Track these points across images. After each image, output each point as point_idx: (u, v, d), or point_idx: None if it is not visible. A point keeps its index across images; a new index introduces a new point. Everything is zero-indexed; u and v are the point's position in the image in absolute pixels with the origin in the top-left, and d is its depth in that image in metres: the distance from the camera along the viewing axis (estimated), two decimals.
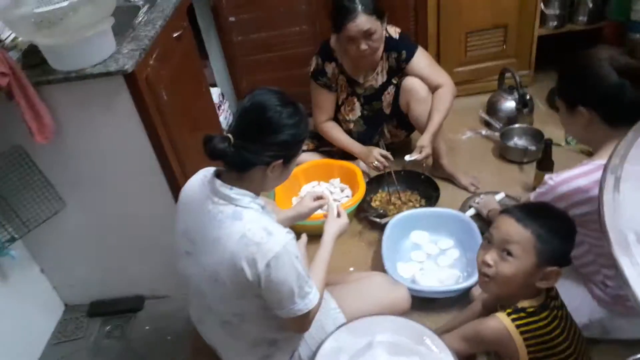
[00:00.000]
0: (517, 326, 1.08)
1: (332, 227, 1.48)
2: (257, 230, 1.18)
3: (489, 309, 1.42)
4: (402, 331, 1.05)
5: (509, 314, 1.10)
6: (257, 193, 1.27)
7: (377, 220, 1.98)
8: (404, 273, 1.81)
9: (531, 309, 1.10)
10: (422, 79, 2.13)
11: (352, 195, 2.11)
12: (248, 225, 1.18)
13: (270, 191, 1.32)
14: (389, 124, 2.32)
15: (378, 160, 2.10)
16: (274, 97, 1.21)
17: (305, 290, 1.25)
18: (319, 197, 1.59)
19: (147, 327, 1.97)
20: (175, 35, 1.86)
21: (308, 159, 2.33)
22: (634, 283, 0.70)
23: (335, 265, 1.90)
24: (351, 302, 1.53)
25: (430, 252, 1.90)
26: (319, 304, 1.31)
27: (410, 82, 2.13)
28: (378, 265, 1.86)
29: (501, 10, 2.53)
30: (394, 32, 2.10)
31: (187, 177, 1.75)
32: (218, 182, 1.22)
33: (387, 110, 2.25)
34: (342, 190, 2.19)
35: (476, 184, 2.17)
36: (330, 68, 2.14)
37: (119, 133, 1.60)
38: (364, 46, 1.97)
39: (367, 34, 1.95)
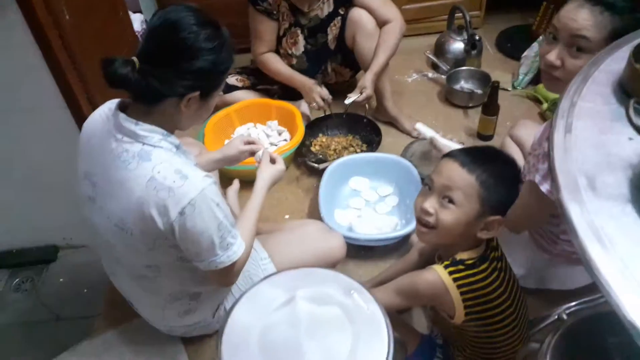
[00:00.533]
0: (455, 279, 0.99)
1: (265, 174, 1.33)
2: (169, 172, 1.02)
3: (426, 260, 1.35)
4: (328, 284, 0.94)
5: (446, 267, 1.01)
6: (171, 131, 1.09)
7: (315, 165, 1.85)
8: (341, 220, 1.71)
9: (470, 261, 1.01)
10: (371, 11, 1.96)
11: (290, 139, 1.96)
12: (158, 167, 1.02)
13: (186, 129, 1.14)
14: (333, 61, 2.15)
15: (317, 102, 1.95)
16: (190, 15, 1.01)
17: (228, 241, 1.11)
18: (250, 142, 1.43)
19: (61, 280, 1.81)
20: None
21: (243, 97, 2.13)
22: (582, 233, 0.61)
23: (270, 213, 1.80)
24: (283, 251, 1.42)
25: (369, 198, 1.80)
26: (246, 255, 1.19)
27: (357, 13, 1.95)
28: (315, 212, 1.75)
29: None
30: None
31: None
32: (122, 115, 1.04)
33: (332, 45, 2.07)
34: (279, 134, 2.03)
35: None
36: None
37: (10, 61, 1.36)
38: None
39: None
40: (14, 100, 1.45)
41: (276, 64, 2.02)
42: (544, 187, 1.05)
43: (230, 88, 2.13)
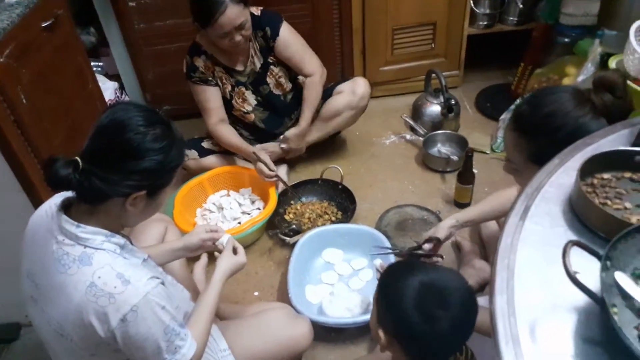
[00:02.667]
0: None
1: (225, 265, 1.27)
2: (110, 277, 0.96)
3: None
4: None
5: None
6: (116, 229, 1.04)
7: (286, 239, 1.80)
8: (312, 298, 1.65)
9: None
10: (293, 65, 2.00)
11: (264, 207, 1.91)
12: (98, 272, 0.96)
13: (134, 226, 1.10)
14: (296, 105, 2.13)
15: (264, 174, 1.91)
16: (138, 115, 0.98)
17: (176, 344, 1.05)
18: (213, 230, 1.38)
19: None
20: (44, 25, 1.57)
21: (219, 161, 2.10)
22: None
23: (238, 289, 1.73)
24: (245, 342, 1.35)
25: (343, 272, 1.74)
26: (198, 356, 1.12)
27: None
28: (286, 289, 1.68)
29: (430, 6, 2.38)
30: (256, 9, 1.90)
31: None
32: (64, 217, 0.99)
33: (278, 92, 2.06)
34: (252, 202, 1.99)
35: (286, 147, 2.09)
36: (200, 62, 1.92)
37: None
38: (238, 37, 1.79)
39: (240, 26, 1.76)
40: None
41: (228, 137, 2.01)
42: None
43: (206, 152, 2.10)
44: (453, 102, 2.26)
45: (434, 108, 2.32)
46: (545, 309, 0.63)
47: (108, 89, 2.08)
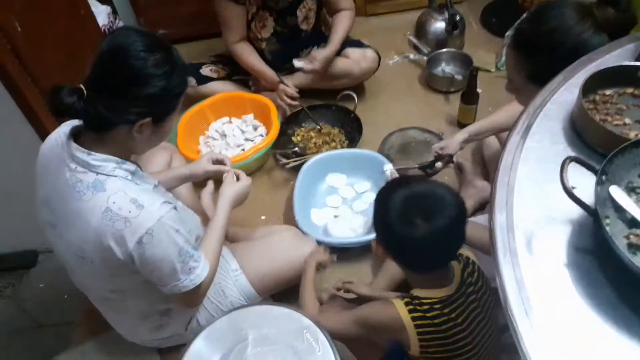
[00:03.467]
0: (413, 318, 0.97)
1: (228, 191, 1.31)
2: (124, 202, 1.00)
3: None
4: (281, 324, 0.93)
5: (406, 304, 0.99)
6: (125, 157, 1.06)
7: (283, 160, 1.83)
8: (317, 220, 1.70)
9: (427, 302, 0.98)
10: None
11: (266, 134, 1.92)
12: (113, 197, 1.00)
13: (142, 154, 1.11)
14: (309, 45, 2.09)
15: (282, 100, 1.91)
16: (139, 40, 0.97)
17: (191, 265, 1.11)
18: (220, 161, 1.40)
19: (41, 285, 1.81)
20: None
21: (218, 88, 2.08)
22: (512, 301, 0.59)
23: (245, 214, 1.78)
24: (255, 261, 1.42)
25: (346, 195, 1.78)
26: (211, 277, 1.19)
27: None
28: (291, 212, 1.72)
29: None
30: None
31: (62, 123, 1.52)
32: (74, 145, 1.01)
33: (304, 26, 2.00)
34: (255, 128, 1.99)
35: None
36: None
37: None
38: None
39: None
40: None
41: (249, 57, 1.96)
42: None
43: (205, 79, 2.08)
44: (458, 18, 2.18)
45: (439, 25, 2.25)
46: (542, 222, 0.66)
47: (101, 13, 2.01)
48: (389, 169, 1.47)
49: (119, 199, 1.00)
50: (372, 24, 2.32)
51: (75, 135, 1.04)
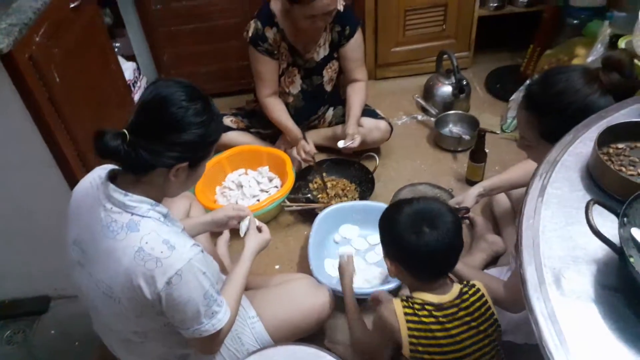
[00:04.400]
0: (405, 314, 1.09)
1: (253, 242, 1.36)
2: (157, 243, 1.03)
3: None
4: None
5: (402, 300, 1.11)
6: (159, 199, 1.11)
7: (287, 202, 1.90)
8: (331, 271, 1.72)
9: (420, 301, 1.10)
10: (348, 67, 2.07)
11: (281, 186, 1.98)
12: (146, 238, 1.04)
13: (174, 197, 1.17)
14: (328, 104, 2.20)
15: (299, 155, 2.01)
16: (180, 91, 1.05)
17: (214, 309, 1.13)
18: (240, 209, 1.46)
19: (52, 332, 1.80)
20: (72, 5, 1.62)
21: (237, 139, 2.17)
22: (545, 334, 0.62)
23: (260, 263, 1.80)
24: (271, 309, 1.43)
25: (359, 247, 1.82)
26: (231, 323, 1.20)
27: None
28: (305, 262, 1.75)
29: None
30: (341, 4, 1.93)
31: (88, 169, 1.57)
32: (111, 186, 1.06)
33: (328, 87, 2.12)
34: (270, 180, 2.05)
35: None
36: (271, 33, 1.95)
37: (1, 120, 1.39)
38: (320, 23, 1.85)
39: (328, 13, 1.82)
40: (5, 157, 1.47)
41: (278, 111, 2.06)
42: None
43: (225, 129, 2.17)
44: (464, 83, 2.31)
45: (446, 89, 2.37)
46: (568, 261, 0.70)
47: (127, 69, 2.13)
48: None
49: (152, 239, 1.04)
50: (381, 86, 2.45)
51: (112, 178, 1.10)
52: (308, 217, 1.93)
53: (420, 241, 1.07)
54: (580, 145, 0.89)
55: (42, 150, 1.46)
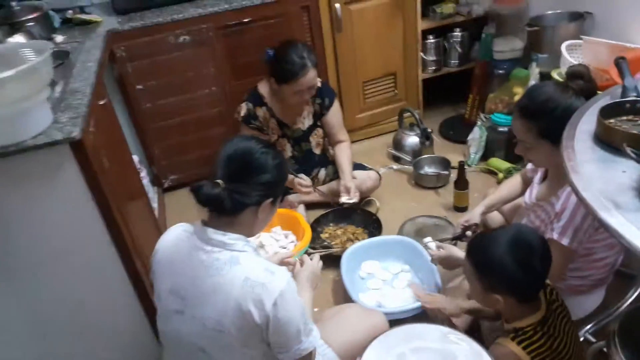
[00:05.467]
0: (524, 347, 1.18)
1: (302, 274, 1.54)
2: (259, 271, 1.19)
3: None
4: (426, 335, 1.12)
5: (513, 338, 1.20)
6: (248, 237, 1.28)
7: (310, 250, 2.07)
8: (368, 302, 1.88)
9: (529, 328, 1.21)
10: (331, 131, 2.38)
11: (297, 240, 2.16)
12: (249, 268, 1.19)
13: (256, 234, 1.33)
14: (319, 165, 2.46)
15: (300, 190, 2.27)
16: (256, 142, 1.28)
17: (309, 327, 1.27)
18: (285, 261, 1.62)
19: None
20: (101, 103, 1.81)
21: None
22: (629, 237, 0.87)
23: None
24: (335, 335, 1.56)
25: (384, 277, 2.01)
26: (319, 339, 1.33)
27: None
28: (340, 301, 1.91)
29: (388, 60, 2.87)
30: (318, 81, 2.28)
31: (137, 248, 1.69)
32: (210, 229, 1.22)
33: (317, 151, 2.41)
34: (286, 237, 2.22)
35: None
36: (261, 112, 2.25)
37: (62, 205, 1.49)
38: (307, 96, 2.16)
39: (312, 86, 2.13)
40: (66, 244, 1.54)
41: None
42: (564, 241, 1.38)
43: None
44: (430, 131, 2.69)
45: (412, 139, 2.75)
46: (615, 192, 0.97)
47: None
48: (430, 241, 1.76)
49: (255, 268, 1.20)
50: (353, 149, 2.75)
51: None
52: (329, 262, 2.09)
53: (529, 269, 1.17)
54: (582, 125, 1.20)
55: (101, 230, 1.56)
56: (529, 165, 1.74)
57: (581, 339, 1.51)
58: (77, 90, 1.67)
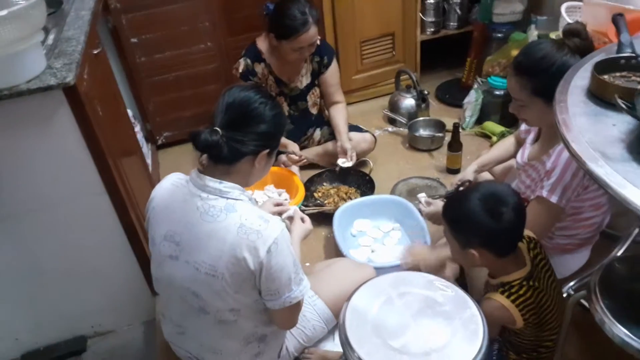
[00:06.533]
0: (513, 300, 1.22)
1: (299, 230, 1.56)
2: (254, 218, 1.21)
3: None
4: (412, 282, 1.15)
5: (502, 292, 1.23)
6: (244, 187, 1.29)
7: (303, 207, 2.10)
8: (359, 257, 1.91)
9: (516, 282, 1.24)
10: (327, 91, 2.36)
11: (290, 198, 2.18)
12: (244, 215, 1.21)
13: (251, 185, 1.35)
14: (315, 125, 2.46)
15: (291, 163, 2.28)
16: (255, 92, 1.28)
17: (300, 276, 1.30)
18: (279, 204, 1.65)
19: None
20: (95, 52, 1.79)
21: None
22: (614, 184, 0.89)
23: None
24: (326, 286, 1.60)
25: (375, 235, 2.04)
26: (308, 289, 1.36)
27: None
28: (332, 256, 1.94)
29: (387, 20, 2.82)
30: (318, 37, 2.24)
31: (130, 199, 1.70)
32: (207, 177, 1.23)
33: (313, 110, 2.40)
34: (279, 195, 2.24)
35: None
36: (260, 68, 2.22)
37: (56, 153, 1.49)
38: (307, 52, 2.13)
39: (313, 43, 2.10)
40: (58, 188, 1.55)
41: None
42: (553, 198, 1.39)
43: None
44: (426, 93, 2.68)
45: (408, 101, 2.74)
46: (604, 144, 0.99)
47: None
48: (423, 197, 1.78)
49: (250, 216, 1.21)
50: (349, 110, 2.74)
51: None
52: (321, 219, 2.13)
53: (503, 221, 1.18)
54: (577, 80, 1.21)
55: (95, 180, 1.57)
56: (523, 126, 1.75)
57: (565, 294, 1.55)
58: (71, 37, 1.64)
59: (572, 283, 1.56)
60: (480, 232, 1.22)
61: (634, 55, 1.19)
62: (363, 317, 1.09)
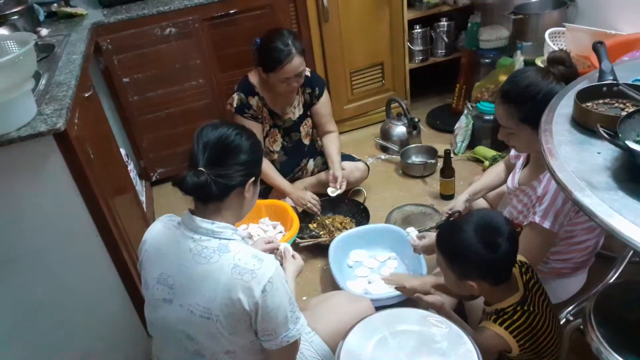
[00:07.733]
0: (506, 327, 1.21)
1: (291, 267, 1.56)
2: (248, 258, 1.20)
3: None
4: (406, 318, 1.14)
5: (495, 320, 1.23)
6: (234, 224, 1.29)
7: (297, 239, 2.09)
8: (355, 289, 1.90)
9: (510, 309, 1.24)
10: (320, 122, 2.39)
11: (285, 230, 2.17)
12: (238, 255, 1.20)
13: (244, 217, 1.35)
14: (308, 156, 2.48)
15: (311, 204, 2.27)
16: (227, 126, 1.28)
17: (297, 315, 1.28)
18: (270, 242, 1.65)
19: None
20: (86, 95, 1.81)
21: None
22: (601, 214, 0.90)
23: None
24: (323, 322, 1.57)
25: (372, 265, 2.03)
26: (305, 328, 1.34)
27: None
28: (328, 289, 1.93)
29: (376, 50, 2.88)
30: (306, 70, 2.28)
31: (124, 240, 1.70)
32: (198, 218, 1.23)
33: (306, 141, 2.42)
34: (274, 227, 2.23)
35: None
36: (254, 101, 2.25)
37: (48, 197, 1.49)
38: (295, 84, 2.15)
39: (299, 74, 2.12)
40: (52, 232, 1.54)
41: (270, 172, 2.32)
42: (546, 224, 1.40)
43: None
44: (417, 120, 2.71)
45: (400, 129, 2.77)
46: (590, 172, 1.00)
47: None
48: (413, 231, 1.78)
49: (243, 256, 1.21)
50: (341, 140, 2.78)
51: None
52: (317, 251, 2.12)
53: (500, 252, 1.18)
54: (560, 109, 1.22)
55: (87, 221, 1.56)
56: (512, 151, 1.77)
57: (563, 320, 1.54)
58: (62, 82, 1.67)
59: (569, 308, 1.55)
60: (478, 263, 1.22)
61: (615, 82, 1.21)
62: (357, 358, 1.07)
